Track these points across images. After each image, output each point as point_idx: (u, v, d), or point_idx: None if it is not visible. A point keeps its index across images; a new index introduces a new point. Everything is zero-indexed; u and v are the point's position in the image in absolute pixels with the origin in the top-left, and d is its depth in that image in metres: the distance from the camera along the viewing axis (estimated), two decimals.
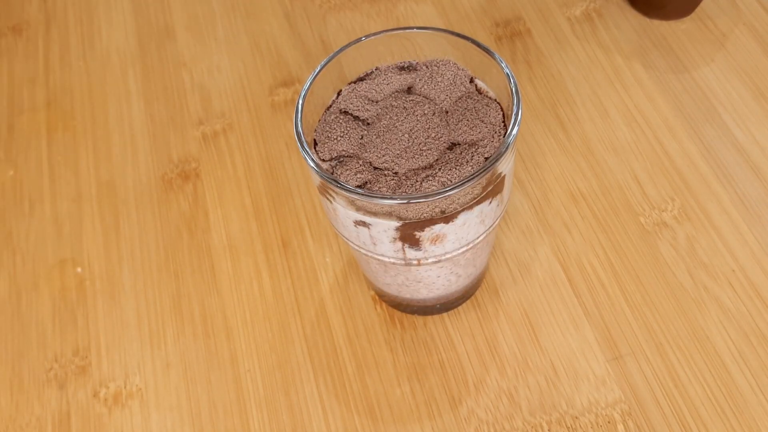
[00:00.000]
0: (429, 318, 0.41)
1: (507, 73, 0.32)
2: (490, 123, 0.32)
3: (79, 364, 0.41)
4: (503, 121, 0.32)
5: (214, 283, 0.43)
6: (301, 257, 0.44)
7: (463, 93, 0.34)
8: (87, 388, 0.40)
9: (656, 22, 0.52)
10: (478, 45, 0.33)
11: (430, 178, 0.30)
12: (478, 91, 0.34)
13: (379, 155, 0.32)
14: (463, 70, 0.34)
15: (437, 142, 0.32)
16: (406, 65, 0.35)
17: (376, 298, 0.42)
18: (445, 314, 0.41)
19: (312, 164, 0.30)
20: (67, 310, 0.43)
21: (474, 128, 0.32)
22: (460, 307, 0.41)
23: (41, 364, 0.41)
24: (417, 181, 0.30)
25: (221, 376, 0.40)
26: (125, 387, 0.40)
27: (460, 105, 0.33)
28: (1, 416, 0.40)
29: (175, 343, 0.41)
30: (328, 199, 0.32)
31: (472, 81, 0.34)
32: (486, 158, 0.31)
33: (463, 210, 0.30)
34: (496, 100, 0.33)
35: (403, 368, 0.39)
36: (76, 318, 0.43)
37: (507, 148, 0.30)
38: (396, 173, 0.31)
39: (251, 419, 0.38)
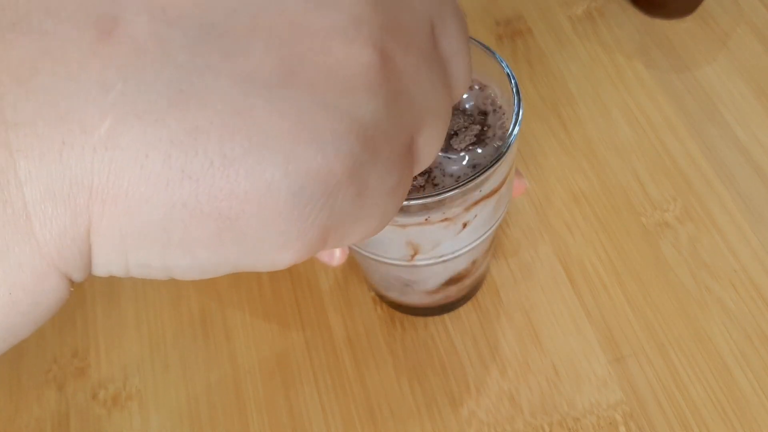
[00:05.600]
0: (429, 319, 0.41)
1: (508, 73, 0.31)
2: (490, 123, 0.32)
3: (78, 365, 0.41)
4: (503, 122, 0.32)
5: (213, 283, 0.43)
6: None
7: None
8: (86, 390, 0.40)
9: (658, 21, 0.52)
10: (479, 44, 0.32)
11: (430, 180, 0.30)
12: (479, 91, 0.34)
13: None
14: None
15: None
16: None
17: (377, 299, 0.42)
18: (445, 315, 0.41)
19: None
20: (66, 311, 0.43)
21: (474, 128, 0.32)
22: (460, 308, 0.41)
23: (40, 366, 0.41)
24: (417, 182, 0.30)
25: (221, 377, 0.40)
26: (124, 388, 0.40)
27: (459, 105, 0.33)
28: None
29: (174, 344, 0.41)
30: None
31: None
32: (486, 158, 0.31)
33: (463, 211, 0.30)
34: (496, 100, 0.33)
35: (404, 369, 0.39)
36: (75, 319, 0.43)
37: (508, 148, 0.29)
38: None
39: (251, 420, 0.38)
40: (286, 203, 0.15)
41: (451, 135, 0.32)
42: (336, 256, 0.36)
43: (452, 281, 0.37)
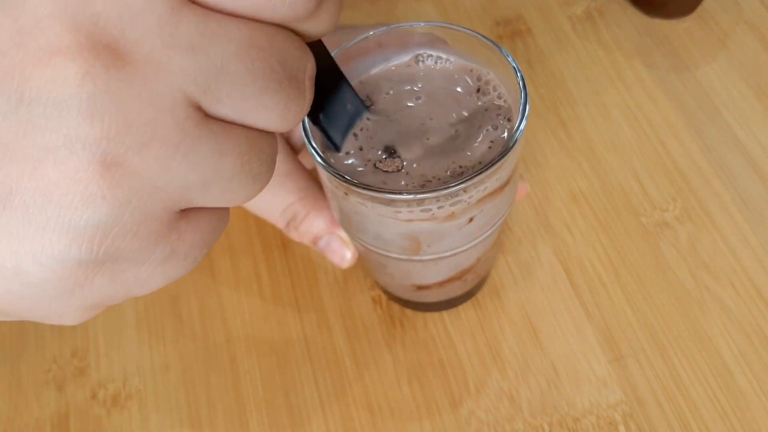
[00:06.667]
0: (429, 319, 0.41)
1: (514, 67, 0.31)
2: (496, 119, 0.32)
3: (77, 365, 0.41)
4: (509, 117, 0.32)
5: (214, 283, 0.43)
6: (300, 257, 0.44)
7: (464, 90, 0.33)
8: (86, 390, 0.40)
9: (658, 21, 0.52)
10: (484, 38, 0.32)
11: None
12: (480, 88, 0.34)
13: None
14: (461, 63, 0.34)
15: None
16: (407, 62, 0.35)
17: (377, 298, 0.42)
18: (445, 314, 0.41)
19: (321, 162, 0.30)
20: None
21: (479, 124, 0.32)
22: (460, 307, 0.41)
23: (40, 366, 0.41)
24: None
25: (220, 377, 0.40)
26: (124, 388, 0.40)
27: (463, 100, 0.33)
28: None
29: (174, 344, 0.41)
30: (334, 193, 0.31)
31: (472, 74, 0.34)
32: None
33: (469, 206, 0.30)
34: (499, 96, 0.33)
35: (403, 369, 0.39)
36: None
37: (515, 142, 0.29)
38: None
39: (251, 420, 0.38)
40: (32, 302, 0.17)
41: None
42: (346, 258, 0.36)
43: (457, 277, 0.37)
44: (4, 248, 0.16)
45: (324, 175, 0.31)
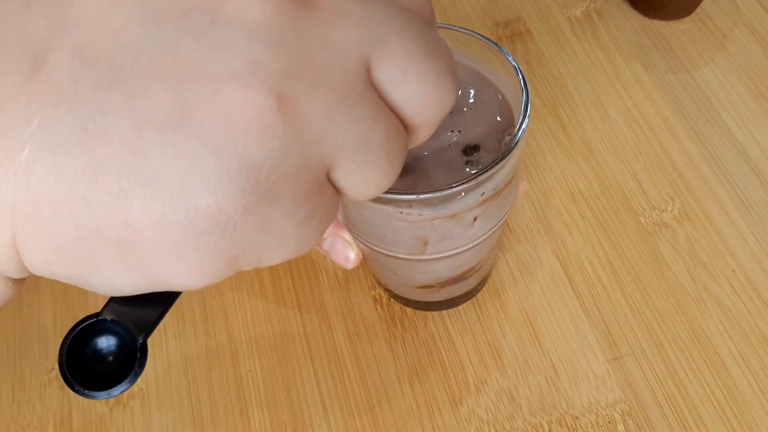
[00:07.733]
0: (429, 318, 0.41)
1: (515, 66, 0.31)
2: (497, 119, 0.32)
3: None
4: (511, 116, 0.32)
5: (215, 282, 0.43)
6: (301, 257, 0.44)
7: (468, 87, 0.34)
8: None
9: (656, 23, 0.52)
10: (484, 39, 0.32)
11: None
12: (483, 84, 0.34)
13: None
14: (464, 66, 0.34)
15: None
16: None
17: (377, 297, 0.42)
18: (445, 314, 0.41)
19: None
20: (68, 310, 0.43)
21: (482, 124, 0.32)
22: (460, 307, 0.41)
23: (42, 364, 0.41)
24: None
25: (222, 376, 0.40)
26: None
27: (465, 100, 0.33)
28: (2, 416, 0.40)
29: (176, 343, 0.41)
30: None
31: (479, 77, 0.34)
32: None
33: (474, 205, 0.30)
34: (501, 95, 0.33)
35: (404, 368, 0.39)
36: (78, 318, 0.43)
37: (517, 141, 0.30)
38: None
39: (252, 419, 0.39)
40: (180, 234, 0.16)
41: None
42: (351, 259, 0.37)
43: (460, 276, 0.37)
44: (172, 168, 0.16)
45: None
